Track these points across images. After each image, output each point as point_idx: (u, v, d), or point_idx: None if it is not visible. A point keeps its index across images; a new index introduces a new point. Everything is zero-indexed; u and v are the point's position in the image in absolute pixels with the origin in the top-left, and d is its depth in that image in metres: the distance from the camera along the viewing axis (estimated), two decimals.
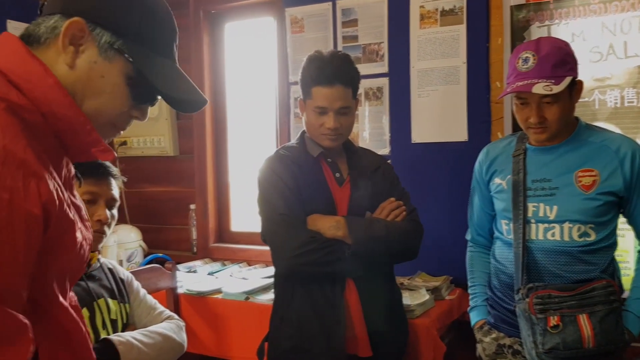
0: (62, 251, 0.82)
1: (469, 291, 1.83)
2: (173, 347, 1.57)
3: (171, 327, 1.60)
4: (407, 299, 2.03)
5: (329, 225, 1.68)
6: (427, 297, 2.07)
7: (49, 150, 0.81)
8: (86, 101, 0.86)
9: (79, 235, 0.85)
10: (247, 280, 2.51)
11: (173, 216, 3.15)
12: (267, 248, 1.79)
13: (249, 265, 2.85)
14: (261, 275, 2.57)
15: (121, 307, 1.57)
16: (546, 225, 1.58)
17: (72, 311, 0.88)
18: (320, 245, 1.65)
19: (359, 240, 1.66)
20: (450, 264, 2.39)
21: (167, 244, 3.15)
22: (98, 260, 1.59)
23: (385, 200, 1.77)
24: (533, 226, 1.60)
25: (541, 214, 1.59)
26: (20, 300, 0.73)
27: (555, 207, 1.57)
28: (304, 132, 1.83)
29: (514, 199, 1.63)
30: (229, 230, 3.10)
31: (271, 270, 2.68)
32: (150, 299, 1.69)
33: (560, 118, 1.54)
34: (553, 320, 1.45)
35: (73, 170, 0.93)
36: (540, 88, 1.46)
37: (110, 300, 1.55)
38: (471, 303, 1.81)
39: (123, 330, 1.53)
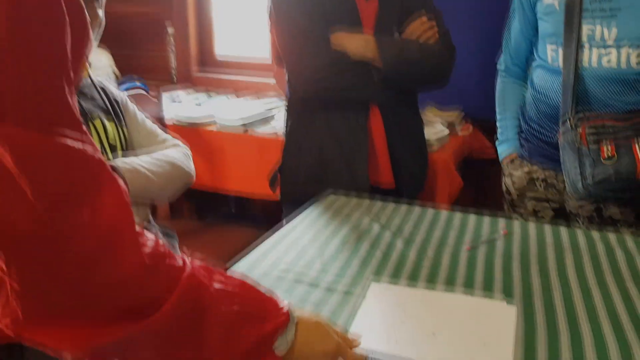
0: None
1: (498, 124, 1.70)
2: (181, 176, 1.40)
3: (179, 155, 1.41)
4: (425, 131, 1.89)
5: (356, 45, 1.46)
6: (445, 131, 1.93)
7: None
8: None
9: None
10: (242, 110, 2.30)
11: (148, 40, 2.83)
12: (258, 78, 1.56)
13: (238, 96, 2.63)
14: (258, 106, 2.36)
15: (119, 130, 1.36)
16: (602, 50, 1.41)
17: None
18: (346, 67, 1.45)
19: (390, 63, 1.46)
20: (461, 96, 2.25)
21: (142, 71, 2.85)
22: (89, 75, 1.35)
23: (416, 20, 1.55)
24: (586, 51, 1.42)
25: (598, 37, 1.41)
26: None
27: (614, 30, 1.39)
28: None
29: (567, 20, 1.43)
30: (213, 55, 2.81)
31: (268, 102, 2.49)
32: (149, 123, 1.48)
33: None
34: (607, 151, 1.34)
35: None
36: None
37: (106, 122, 1.33)
38: (500, 136, 1.69)
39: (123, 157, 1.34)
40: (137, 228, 0.57)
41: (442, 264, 1.10)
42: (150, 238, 0.58)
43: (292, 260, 1.11)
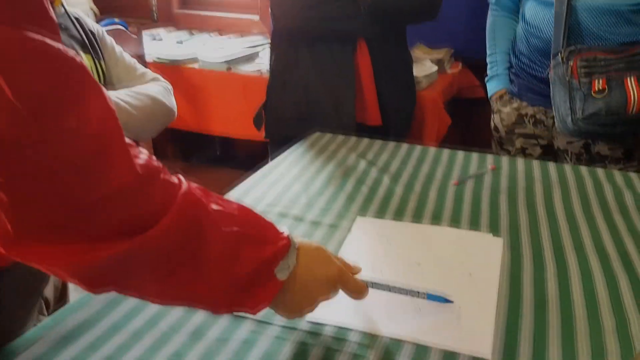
0: None
1: (488, 59, 1.66)
2: (163, 112, 1.35)
3: (159, 89, 1.36)
4: (413, 69, 1.85)
5: None
6: (434, 68, 1.89)
7: None
8: None
9: None
10: (226, 49, 2.23)
11: None
12: (242, 15, 1.50)
13: (221, 35, 2.55)
14: (242, 45, 2.29)
15: (96, 63, 1.30)
16: None
17: None
18: None
19: None
20: (450, 35, 2.20)
21: (121, 10, 2.75)
22: (62, 4, 1.28)
23: None
24: None
25: None
26: None
27: None
28: None
29: None
30: None
31: (252, 40, 2.42)
32: (128, 57, 1.42)
33: None
34: (598, 84, 1.31)
35: None
36: None
37: (83, 55, 1.27)
38: (490, 72, 1.65)
39: None
40: (127, 140, 0.53)
41: (429, 199, 1.08)
42: (143, 151, 0.55)
43: (277, 196, 1.08)
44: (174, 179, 0.57)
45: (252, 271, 0.60)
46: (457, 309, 0.75)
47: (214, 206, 0.60)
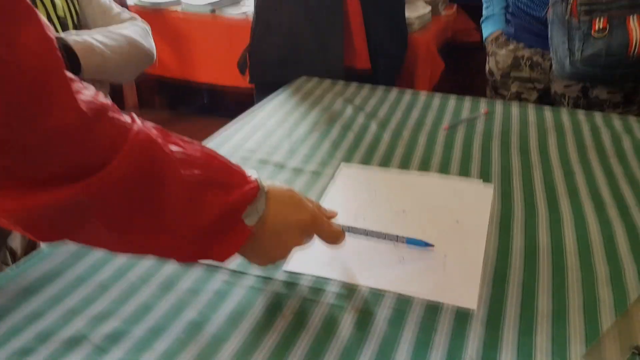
0: None
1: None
2: (140, 54, 1.28)
3: (136, 30, 1.29)
4: (405, 10, 1.76)
5: None
6: (427, 9, 1.81)
7: None
8: None
9: None
10: None
11: None
12: None
13: None
14: None
15: (69, 3, 1.23)
16: None
17: None
18: None
19: None
20: None
21: None
22: None
23: None
24: None
25: None
26: None
27: None
28: None
29: None
30: None
31: None
32: None
33: None
34: (599, 24, 1.24)
35: None
36: None
37: None
38: (485, 12, 1.57)
39: None
40: (69, 74, 0.48)
41: (417, 146, 1.03)
42: (88, 87, 0.49)
43: (258, 142, 1.03)
44: (125, 118, 0.52)
45: (217, 217, 0.56)
46: (442, 258, 0.71)
47: (174, 148, 0.55)
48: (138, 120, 0.53)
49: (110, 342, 0.57)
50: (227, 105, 2.68)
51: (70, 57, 1.10)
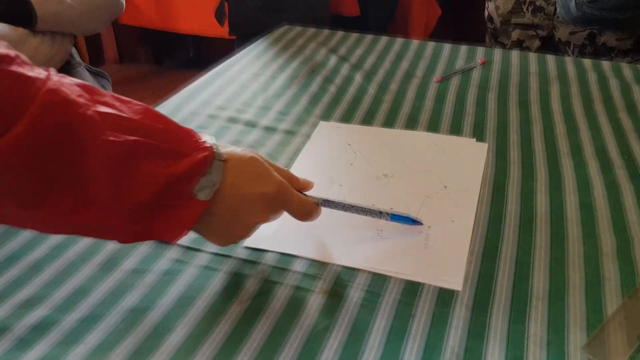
0: None
1: None
2: (107, 2, 1.17)
3: None
4: None
5: None
6: None
7: None
8: None
9: None
10: None
11: None
12: None
13: None
14: None
15: None
16: None
17: None
18: None
19: None
20: None
21: None
22: None
23: None
24: None
25: None
26: None
27: None
28: None
29: None
30: None
31: None
32: None
33: None
34: None
35: None
36: None
37: None
38: None
39: None
40: None
41: (405, 99, 0.94)
42: None
43: (229, 98, 0.93)
44: (36, 73, 0.43)
45: (159, 191, 0.47)
46: (425, 230, 0.62)
47: (103, 109, 0.46)
48: (55, 77, 0.44)
49: (35, 334, 0.50)
50: (213, 58, 2.56)
51: (23, 6, 1.00)
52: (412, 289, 0.55)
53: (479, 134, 0.83)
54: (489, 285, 0.55)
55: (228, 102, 0.91)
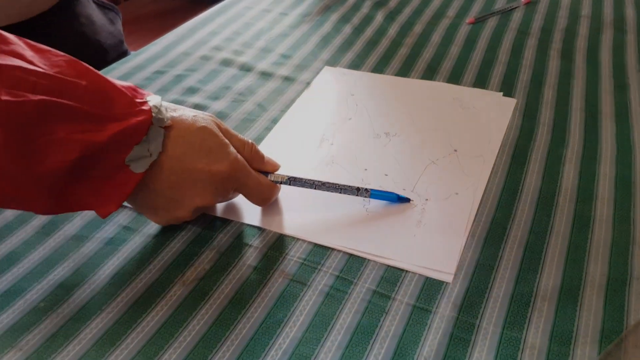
0: None
1: None
2: None
3: None
4: None
5: None
6: None
7: None
8: None
9: None
10: None
11: None
12: None
13: None
14: None
15: None
16: None
17: None
18: None
19: None
20: None
21: None
22: None
23: None
24: None
25: None
26: None
27: None
28: None
29: None
30: None
31: None
32: None
33: None
34: None
35: None
36: None
37: None
38: None
39: None
40: None
41: (429, 43, 0.81)
42: None
43: (229, 37, 0.84)
44: None
45: (75, 160, 0.39)
46: (421, 204, 0.53)
47: (5, 61, 0.37)
48: None
49: None
50: None
51: None
52: (391, 278, 0.46)
53: (507, 88, 0.70)
54: (485, 278, 0.46)
55: (226, 42, 0.82)
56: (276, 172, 0.51)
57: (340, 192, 0.51)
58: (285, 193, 0.53)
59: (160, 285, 0.45)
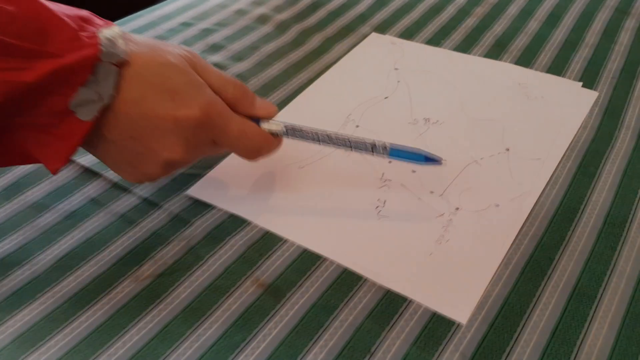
0: None
1: None
2: None
3: None
4: None
5: None
6: None
7: None
8: None
9: None
10: None
11: None
12: None
13: None
14: None
15: None
16: None
17: None
18: None
19: None
20: None
21: None
22: None
23: None
24: None
25: None
26: None
27: None
28: None
29: None
30: None
31: None
32: None
33: None
34: None
35: None
36: None
37: None
38: None
39: None
40: None
41: (503, 14, 0.69)
42: None
43: None
44: None
45: (8, 102, 0.32)
46: (447, 214, 0.42)
47: None
48: None
49: None
50: None
51: None
52: (388, 307, 0.36)
53: (589, 78, 0.57)
54: (512, 325, 0.35)
55: None
56: (271, 120, 0.41)
57: (350, 149, 0.40)
58: (288, 181, 0.44)
59: (109, 277, 0.38)
